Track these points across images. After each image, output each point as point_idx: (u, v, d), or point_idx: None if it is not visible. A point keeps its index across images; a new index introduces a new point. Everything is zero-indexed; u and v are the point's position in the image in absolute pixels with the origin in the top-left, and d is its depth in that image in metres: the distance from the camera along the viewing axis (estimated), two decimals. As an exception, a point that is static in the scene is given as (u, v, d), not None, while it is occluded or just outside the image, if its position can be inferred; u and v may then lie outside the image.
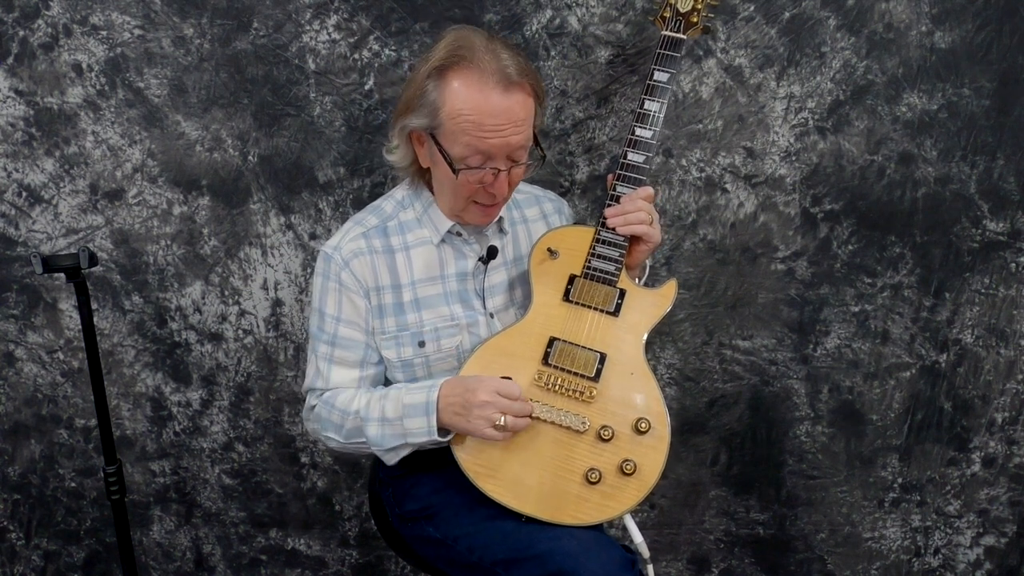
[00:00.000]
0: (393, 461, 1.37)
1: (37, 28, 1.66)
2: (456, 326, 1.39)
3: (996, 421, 1.92)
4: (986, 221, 1.78)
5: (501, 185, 1.29)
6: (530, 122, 1.28)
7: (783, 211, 1.78)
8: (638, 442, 1.30)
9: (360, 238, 1.37)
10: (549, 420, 1.30)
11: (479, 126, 1.22)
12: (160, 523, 2.02)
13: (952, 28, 1.66)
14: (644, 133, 1.40)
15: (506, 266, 1.45)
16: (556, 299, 1.37)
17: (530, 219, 1.51)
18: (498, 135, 1.23)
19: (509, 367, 1.32)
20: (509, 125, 1.23)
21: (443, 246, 1.40)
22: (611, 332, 1.35)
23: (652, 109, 1.41)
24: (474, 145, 1.24)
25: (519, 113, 1.24)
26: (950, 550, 2.03)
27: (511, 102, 1.23)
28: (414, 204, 1.41)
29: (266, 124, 1.72)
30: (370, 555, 2.05)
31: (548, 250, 1.40)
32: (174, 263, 1.81)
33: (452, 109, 1.23)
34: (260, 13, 1.66)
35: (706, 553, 2.04)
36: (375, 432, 1.32)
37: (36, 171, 1.75)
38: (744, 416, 1.92)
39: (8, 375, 1.89)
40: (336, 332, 1.37)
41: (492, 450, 1.30)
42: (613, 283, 1.37)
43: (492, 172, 1.27)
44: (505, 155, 1.26)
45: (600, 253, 1.38)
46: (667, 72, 1.42)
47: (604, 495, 1.29)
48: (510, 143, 1.25)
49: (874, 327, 1.85)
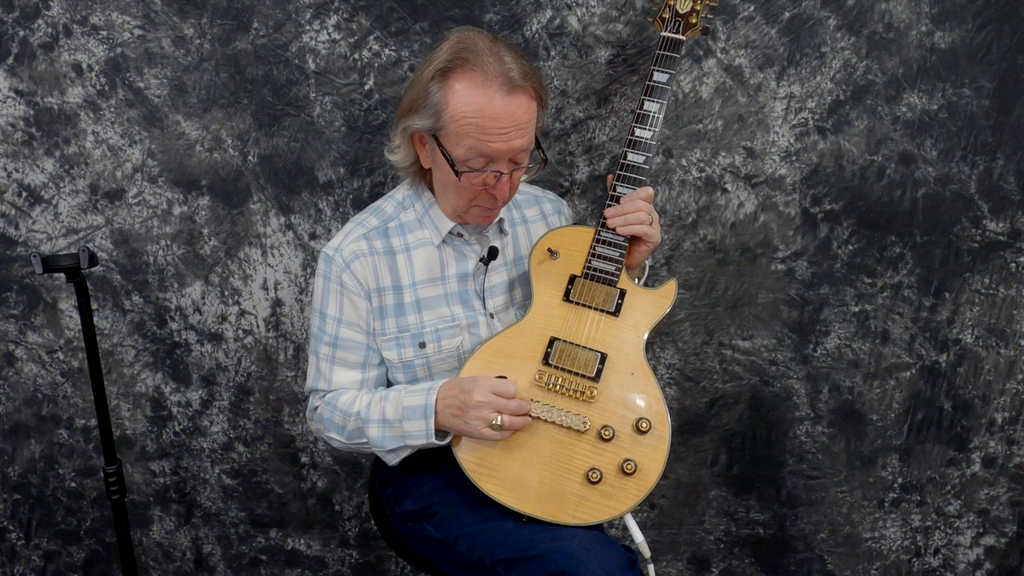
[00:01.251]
0: (394, 461, 1.37)
1: (37, 28, 1.66)
2: (456, 327, 1.39)
3: (996, 421, 1.92)
4: (986, 221, 1.78)
5: (503, 188, 1.29)
6: (533, 125, 1.28)
7: (783, 211, 1.78)
8: (639, 442, 1.30)
9: (361, 239, 1.37)
10: (550, 420, 1.30)
11: (482, 129, 1.22)
12: (160, 523, 2.02)
13: (952, 28, 1.66)
14: (644, 133, 1.41)
15: (506, 266, 1.46)
16: (556, 299, 1.37)
17: (530, 219, 1.51)
18: (501, 139, 1.23)
19: (509, 367, 1.32)
20: (512, 128, 1.23)
21: (444, 247, 1.40)
22: (611, 332, 1.36)
23: (652, 110, 1.41)
24: (477, 148, 1.23)
25: (522, 116, 1.24)
26: (950, 550, 2.03)
27: (514, 105, 1.22)
28: (415, 205, 1.41)
29: (266, 124, 1.72)
30: (370, 555, 2.05)
31: (548, 250, 1.40)
32: (174, 263, 1.81)
33: (455, 111, 1.23)
34: (260, 13, 1.66)
35: (706, 553, 2.04)
36: (376, 434, 1.33)
37: (36, 171, 1.75)
38: (744, 416, 1.92)
39: (8, 375, 1.89)
40: (337, 333, 1.38)
41: (492, 450, 1.30)
42: (613, 283, 1.38)
43: (494, 175, 1.27)
44: (507, 158, 1.26)
45: (600, 253, 1.38)
46: (666, 73, 1.42)
47: (605, 495, 1.29)
48: (513, 146, 1.25)
49: (874, 327, 1.85)
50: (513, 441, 1.29)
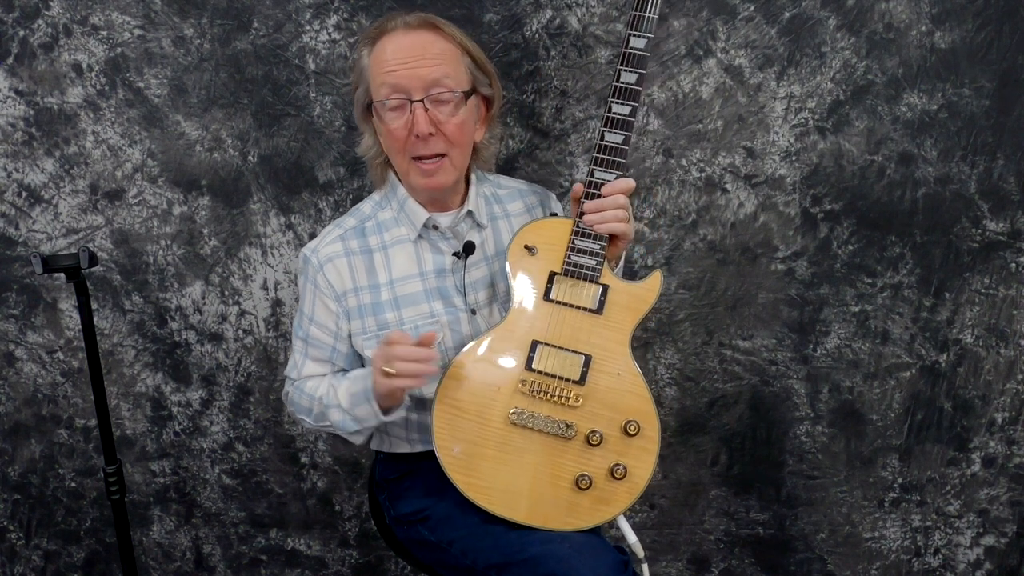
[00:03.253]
0: (360, 441, 1.40)
1: (37, 28, 1.66)
2: (436, 323, 1.38)
3: (996, 421, 1.92)
4: (986, 221, 1.78)
5: (420, 120, 1.27)
6: (445, 60, 1.30)
7: (783, 211, 1.78)
8: (628, 444, 1.28)
9: (337, 241, 1.39)
10: (535, 428, 1.28)
11: (388, 63, 1.29)
12: (160, 523, 2.02)
13: (952, 28, 1.66)
14: (622, 109, 1.28)
15: (487, 261, 1.44)
16: (537, 299, 1.32)
17: (512, 214, 1.49)
18: (406, 65, 1.27)
19: (491, 374, 1.29)
20: (417, 57, 1.28)
21: (420, 242, 1.41)
22: (595, 332, 1.30)
23: (629, 80, 1.28)
24: (387, 82, 1.28)
25: (427, 48, 1.29)
26: (950, 550, 2.03)
27: (414, 38, 1.29)
28: (391, 203, 1.42)
29: (266, 124, 1.72)
30: (370, 555, 2.05)
31: (525, 247, 1.33)
32: (174, 263, 1.81)
33: (372, 65, 1.31)
34: (260, 13, 1.66)
35: (706, 553, 2.04)
36: (337, 418, 1.35)
37: (36, 171, 1.75)
38: (744, 416, 1.92)
39: (8, 375, 1.89)
40: (308, 331, 1.41)
41: (481, 461, 1.28)
42: (595, 279, 1.30)
43: (413, 113, 1.28)
44: (420, 88, 1.28)
45: (579, 247, 1.30)
46: (643, 37, 1.28)
47: (595, 500, 1.28)
48: (420, 74, 1.27)
49: (874, 327, 1.85)
50: (501, 450, 1.28)
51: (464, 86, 1.32)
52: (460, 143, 1.34)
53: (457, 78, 1.30)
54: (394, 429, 1.45)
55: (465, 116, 1.32)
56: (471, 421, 1.29)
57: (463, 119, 1.31)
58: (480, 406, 1.29)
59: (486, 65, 1.37)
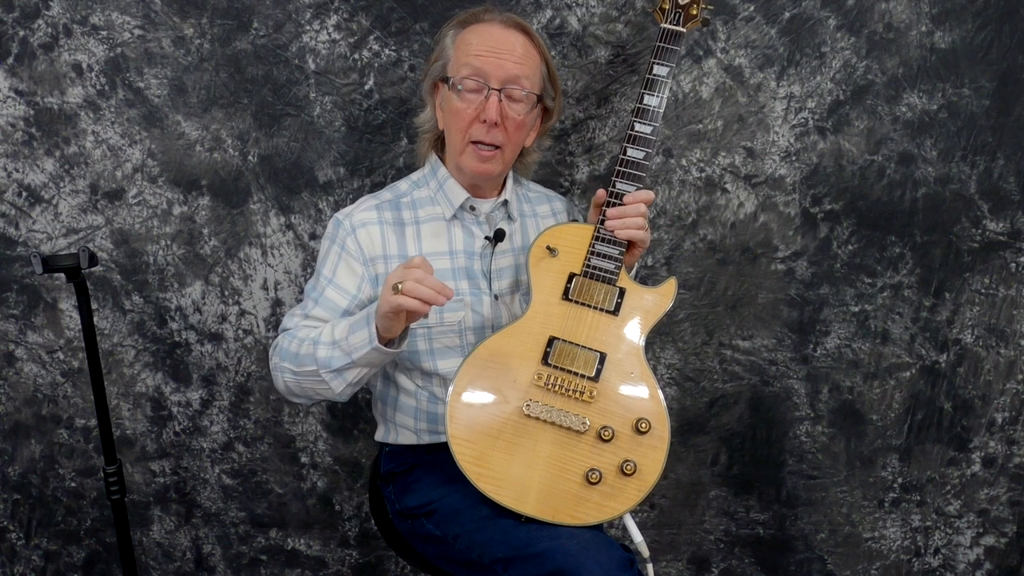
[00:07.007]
0: (340, 390, 1.32)
1: (37, 28, 1.66)
2: (460, 301, 1.41)
3: (996, 421, 1.92)
4: (986, 221, 1.78)
5: (491, 108, 1.33)
6: (530, 65, 1.37)
7: (783, 211, 1.78)
8: (638, 442, 1.30)
9: (372, 209, 1.42)
10: (549, 420, 1.30)
11: (478, 47, 1.35)
12: (160, 523, 2.02)
13: (952, 28, 1.66)
14: (644, 128, 1.39)
15: (513, 252, 1.49)
16: (555, 298, 1.37)
17: (541, 215, 1.56)
18: (494, 55, 1.34)
19: (508, 368, 1.32)
20: (506, 52, 1.34)
21: (454, 222, 1.45)
22: (611, 331, 1.35)
23: (652, 104, 1.40)
24: (472, 64, 1.34)
25: (517, 48, 1.36)
26: (950, 550, 2.03)
27: (509, 34, 1.36)
28: (429, 182, 1.47)
29: (266, 124, 1.72)
30: (370, 555, 2.05)
31: (547, 248, 1.40)
32: (174, 263, 1.81)
33: (460, 45, 1.37)
34: (260, 13, 1.66)
35: (706, 553, 2.04)
36: (324, 354, 1.30)
37: (36, 171, 1.75)
38: (744, 416, 1.92)
39: (8, 375, 1.89)
40: (324, 292, 1.40)
41: (492, 451, 1.29)
42: (613, 282, 1.37)
43: (486, 98, 1.34)
44: (500, 79, 1.34)
45: (600, 251, 1.38)
46: (666, 66, 1.41)
47: (604, 495, 1.29)
48: (505, 67, 1.34)
49: (874, 327, 1.85)
50: (512, 442, 1.29)
51: (536, 91, 1.39)
52: (516, 140, 1.41)
53: (533, 82, 1.38)
54: (402, 419, 1.46)
55: (527, 118, 1.39)
56: (486, 411, 1.31)
57: (525, 119, 1.39)
58: (495, 397, 1.31)
59: (557, 81, 1.46)
